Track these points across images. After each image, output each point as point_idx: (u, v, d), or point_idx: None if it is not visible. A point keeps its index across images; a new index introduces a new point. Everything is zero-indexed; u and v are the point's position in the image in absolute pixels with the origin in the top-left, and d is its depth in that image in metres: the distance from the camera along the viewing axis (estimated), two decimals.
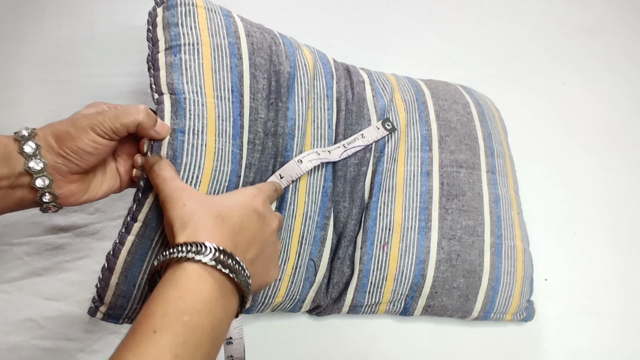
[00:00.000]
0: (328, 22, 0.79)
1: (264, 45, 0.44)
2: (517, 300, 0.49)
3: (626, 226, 0.58)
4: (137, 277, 0.36)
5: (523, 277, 0.50)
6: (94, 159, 0.34)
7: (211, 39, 0.41)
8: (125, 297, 0.37)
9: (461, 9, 0.81)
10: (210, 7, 0.44)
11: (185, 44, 0.40)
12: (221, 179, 0.38)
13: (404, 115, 0.52)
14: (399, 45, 0.76)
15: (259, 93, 0.42)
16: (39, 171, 0.31)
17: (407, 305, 0.48)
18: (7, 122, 0.66)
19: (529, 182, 0.60)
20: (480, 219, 0.49)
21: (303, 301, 0.47)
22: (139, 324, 0.26)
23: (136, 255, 0.36)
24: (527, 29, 0.78)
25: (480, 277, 0.47)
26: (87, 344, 0.48)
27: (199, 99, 0.38)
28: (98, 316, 0.37)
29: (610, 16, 0.80)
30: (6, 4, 0.81)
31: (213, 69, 0.40)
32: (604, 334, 0.52)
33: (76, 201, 0.35)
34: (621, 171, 0.63)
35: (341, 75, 0.50)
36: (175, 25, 0.41)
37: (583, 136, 0.66)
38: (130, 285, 0.36)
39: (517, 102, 0.66)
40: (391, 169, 0.49)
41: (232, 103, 0.40)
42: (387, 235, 0.47)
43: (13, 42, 0.76)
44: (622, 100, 0.70)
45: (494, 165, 0.53)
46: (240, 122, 0.40)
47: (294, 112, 0.44)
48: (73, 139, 0.32)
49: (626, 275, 0.55)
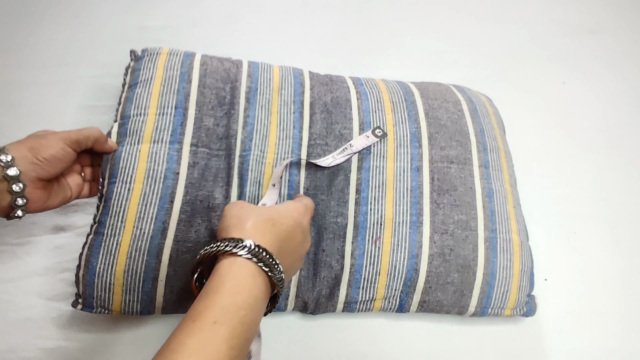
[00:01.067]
0: (328, 22, 0.79)
1: (218, 69, 0.54)
2: (516, 295, 0.49)
3: (626, 226, 0.58)
4: (95, 267, 0.43)
5: (521, 271, 0.49)
6: (61, 166, 0.41)
7: (164, 73, 0.53)
8: (90, 285, 0.43)
9: (461, 9, 0.81)
10: (173, 51, 0.56)
11: (141, 81, 0.53)
12: (155, 176, 0.46)
13: (391, 116, 0.54)
14: (399, 45, 0.76)
15: (204, 106, 0.51)
16: (14, 177, 0.38)
17: (402, 302, 0.48)
18: (7, 122, 0.66)
19: (529, 182, 0.60)
20: (473, 214, 0.49)
21: (286, 298, 0.47)
22: (199, 313, 0.29)
23: (93, 249, 0.44)
24: (527, 29, 0.78)
25: (475, 271, 0.48)
26: (87, 344, 0.48)
27: (140, 118, 0.50)
28: (78, 307, 0.44)
29: (610, 16, 0.80)
30: (6, 5, 0.82)
31: (160, 94, 0.51)
32: (604, 334, 0.52)
33: (40, 207, 0.41)
34: (621, 171, 0.63)
35: (316, 84, 0.56)
36: (138, 70, 0.55)
37: (583, 136, 0.66)
38: (92, 275, 0.43)
39: (517, 102, 0.66)
40: (380, 165, 0.51)
41: (173, 117, 0.50)
42: (378, 230, 0.48)
43: (13, 43, 0.76)
44: (622, 100, 0.70)
45: (487, 160, 0.53)
46: (181, 130, 0.49)
47: (254, 118, 0.52)
48: (46, 148, 0.39)
49: (626, 275, 0.55)
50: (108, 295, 0.43)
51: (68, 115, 0.67)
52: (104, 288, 0.43)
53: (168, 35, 0.77)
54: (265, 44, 0.76)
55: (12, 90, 0.70)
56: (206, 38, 0.77)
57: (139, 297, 0.43)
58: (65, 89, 0.70)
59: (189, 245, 0.44)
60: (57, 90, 0.70)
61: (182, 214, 0.45)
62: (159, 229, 0.44)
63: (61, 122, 0.66)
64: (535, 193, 0.59)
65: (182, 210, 0.45)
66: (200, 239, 0.45)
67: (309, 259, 0.47)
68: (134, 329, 0.49)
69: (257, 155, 0.50)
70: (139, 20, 0.79)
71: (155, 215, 0.44)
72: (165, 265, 0.43)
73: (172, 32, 0.77)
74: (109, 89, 0.70)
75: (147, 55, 0.56)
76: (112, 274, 0.43)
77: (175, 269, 0.43)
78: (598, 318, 0.53)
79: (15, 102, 0.68)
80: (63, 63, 0.73)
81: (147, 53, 0.56)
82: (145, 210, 0.44)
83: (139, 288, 0.43)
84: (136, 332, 0.49)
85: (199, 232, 0.45)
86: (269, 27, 0.79)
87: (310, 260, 0.47)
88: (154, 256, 0.43)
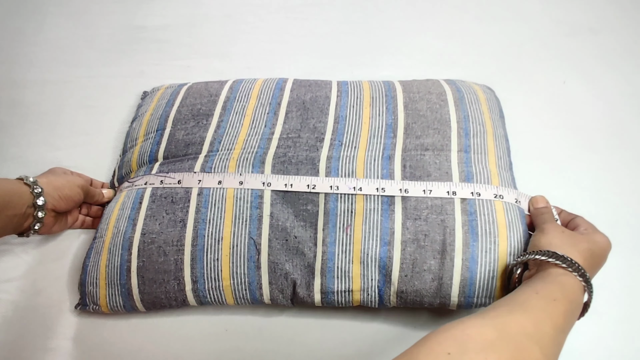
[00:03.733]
0: (328, 22, 0.79)
1: (201, 90, 0.60)
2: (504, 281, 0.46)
3: (626, 226, 0.58)
4: (87, 266, 0.49)
5: (508, 254, 0.46)
6: (72, 205, 0.51)
7: (156, 103, 0.61)
8: (83, 284, 0.49)
9: (461, 9, 0.81)
10: (171, 85, 0.64)
11: (139, 115, 0.61)
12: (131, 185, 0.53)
13: (369, 110, 0.56)
14: (399, 45, 0.76)
15: (179, 122, 0.56)
16: (41, 206, 0.47)
17: (380, 293, 0.47)
18: (7, 122, 0.66)
19: (529, 182, 0.59)
20: (448, 198, 0.48)
21: (260, 288, 0.47)
22: (542, 289, 0.37)
23: (88, 252, 0.50)
24: (527, 28, 0.78)
25: (452, 257, 0.46)
26: (87, 344, 0.48)
27: (131, 150, 0.58)
28: (77, 307, 0.49)
29: (610, 15, 0.80)
30: (7, 4, 0.82)
31: (148, 121, 0.59)
32: (604, 334, 0.51)
33: (45, 232, 0.50)
34: (621, 171, 0.63)
35: (297, 87, 0.59)
36: (140, 107, 0.63)
37: (583, 136, 0.66)
38: (84, 274, 0.49)
39: (517, 102, 0.66)
40: (350, 155, 0.52)
41: (153, 139, 0.56)
42: (349, 218, 0.48)
43: (14, 42, 0.76)
44: (622, 100, 0.69)
45: (468, 145, 0.53)
46: (157, 148, 0.55)
47: (227, 122, 0.56)
48: (67, 189, 0.50)
49: (626, 275, 0.55)
50: (96, 290, 0.48)
51: (68, 115, 0.67)
52: (92, 283, 0.48)
53: (168, 35, 0.77)
54: (265, 44, 0.76)
55: (12, 90, 0.70)
56: (206, 38, 0.77)
57: (119, 291, 0.47)
58: (65, 89, 0.70)
59: (152, 237, 0.48)
60: (57, 90, 0.70)
61: (148, 211, 0.49)
62: (130, 225, 0.49)
63: (61, 122, 0.66)
64: (535, 193, 0.59)
65: (148, 208, 0.49)
66: (163, 230, 0.48)
67: (280, 246, 0.47)
68: (134, 330, 0.49)
69: (223, 154, 0.53)
70: (139, 20, 0.79)
71: (128, 215, 0.50)
72: (135, 257, 0.47)
73: (172, 32, 0.78)
74: (109, 88, 0.70)
75: (151, 92, 0.65)
76: (97, 270, 0.48)
77: (143, 260, 0.47)
78: (598, 318, 0.53)
79: (15, 101, 0.69)
80: (63, 63, 0.73)
81: (152, 90, 0.65)
82: (122, 213, 0.50)
83: (118, 280, 0.47)
84: (136, 332, 0.49)
85: (162, 224, 0.48)
86: (269, 27, 0.79)
87: (281, 247, 0.47)
88: (126, 249, 0.47)
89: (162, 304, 0.48)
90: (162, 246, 0.47)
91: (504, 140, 0.57)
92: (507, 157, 0.55)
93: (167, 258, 0.47)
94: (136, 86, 0.69)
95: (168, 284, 0.47)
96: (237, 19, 0.80)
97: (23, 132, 0.65)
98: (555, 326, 0.33)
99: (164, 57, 0.74)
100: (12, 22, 0.79)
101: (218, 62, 0.74)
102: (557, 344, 0.33)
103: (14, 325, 0.49)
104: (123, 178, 0.56)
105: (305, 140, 0.53)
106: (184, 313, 0.50)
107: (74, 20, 0.79)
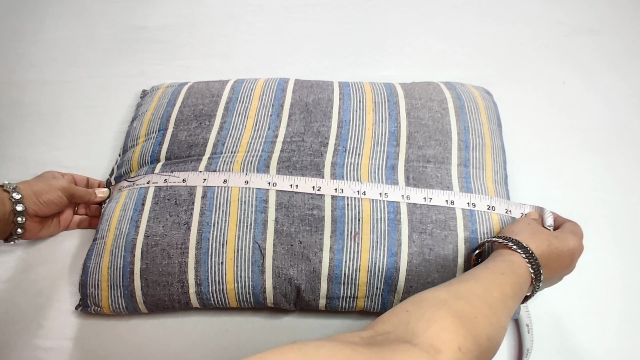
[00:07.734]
0: (328, 22, 0.79)
1: (202, 90, 0.59)
2: None
3: (626, 226, 0.58)
4: (88, 267, 0.49)
5: None
6: (56, 209, 0.51)
7: (157, 102, 0.60)
8: (84, 285, 0.48)
9: (461, 9, 0.81)
10: (171, 84, 0.63)
11: (139, 115, 0.61)
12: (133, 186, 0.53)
13: (372, 115, 0.56)
14: (399, 45, 0.76)
15: (182, 123, 0.56)
16: (20, 212, 0.47)
17: (384, 300, 0.47)
18: (7, 122, 0.66)
19: (529, 182, 0.59)
20: (451, 213, 0.49)
21: (263, 291, 0.47)
22: (492, 266, 0.40)
23: (89, 253, 0.50)
24: (527, 28, 0.78)
25: (455, 272, 0.47)
26: (87, 344, 0.48)
27: (132, 149, 0.57)
28: (78, 308, 0.49)
29: (610, 16, 0.80)
30: (6, 4, 0.82)
31: (149, 121, 0.58)
32: (604, 334, 0.51)
33: (33, 236, 0.51)
34: (621, 171, 0.63)
35: (299, 88, 0.59)
36: (140, 106, 0.63)
37: (583, 136, 0.66)
38: (85, 276, 0.48)
39: (517, 102, 0.66)
40: (355, 162, 0.52)
41: (155, 139, 0.56)
42: (357, 226, 0.48)
43: (13, 42, 0.76)
44: (622, 100, 0.70)
45: (467, 159, 0.53)
46: (159, 148, 0.55)
47: (230, 124, 0.55)
48: (46, 194, 0.49)
49: (626, 275, 0.55)
50: (97, 292, 0.48)
51: (68, 115, 0.67)
52: (93, 285, 0.48)
53: (168, 35, 0.77)
54: (265, 44, 0.76)
55: (12, 90, 0.70)
56: (206, 38, 0.77)
57: (122, 293, 0.47)
58: (64, 89, 0.70)
59: (156, 239, 0.47)
60: (56, 91, 0.70)
61: (152, 213, 0.49)
62: (133, 227, 0.49)
63: (61, 122, 0.66)
64: (535, 193, 0.59)
65: (152, 209, 0.49)
66: (167, 232, 0.47)
67: (285, 251, 0.47)
68: (134, 330, 0.49)
69: (227, 156, 0.52)
70: (139, 20, 0.79)
71: (131, 217, 0.49)
72: (138, 259, 0.47)
73: (173, 32, 0.78)
74: (108, 88, 0.70)
75: (150, 91, 0.64)
76: (99, 271, 0.48)
77: (147, 262, 0.47)
78: (598, 318, 0.53)
79: (15, 101, 0.68)
80: (63, 63, 0.73)
81: (151, 89, 0.64)
82: (124, 214, 0.50)
83: (120, 283, 0.47)
84: (136, 332, 0.49)
85: (166, 226, 0.48)
86: (269, 27, 0.79)
87: (286, 252, 0.47)
88: (129, 251, 0.47)
89: (165, 306, 0.48)
90: (166, 249, 0.47)
91: (501, 152, 0.57)
92: (503, 171, 0.56)
93: (171, 261, 0.47)
94: (136, 86, 0.69)
95: (172, 287, 0.47)
96: (237, 19, 0.80)
97: (23, 132, 0.65)
98: (503, 293, 0.37)
99: (164, 57, 0.74)
100: (12, 22, 0.79)
101: (218, 62, 0.74)
102: (505, 307, 0.37)
103: (14, 325, 0.49)
104: (121, 177, 0.56)
105: (310, 144, 0.53)
106: (184, 313, 0.50)
107: (74, 20, 0.79)
